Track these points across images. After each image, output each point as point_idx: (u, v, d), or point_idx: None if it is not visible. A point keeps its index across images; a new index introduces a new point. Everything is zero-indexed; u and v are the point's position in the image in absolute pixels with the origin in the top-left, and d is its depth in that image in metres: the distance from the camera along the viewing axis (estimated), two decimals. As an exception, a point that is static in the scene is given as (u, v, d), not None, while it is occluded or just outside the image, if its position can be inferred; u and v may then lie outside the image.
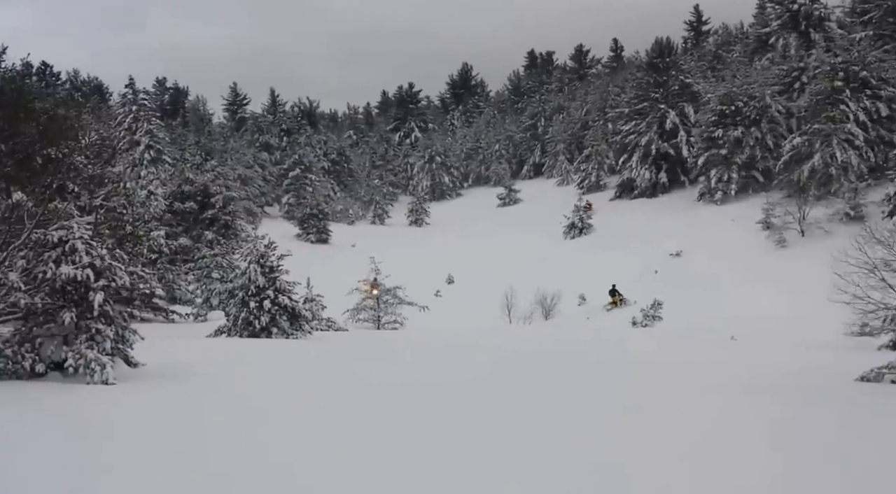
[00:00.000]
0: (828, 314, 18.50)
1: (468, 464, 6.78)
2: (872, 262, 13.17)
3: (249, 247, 21.05)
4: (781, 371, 14.59)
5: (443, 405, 9.89)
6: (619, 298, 39.52)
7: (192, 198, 39.49)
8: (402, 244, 57.41)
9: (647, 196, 61.83)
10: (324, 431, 8.08)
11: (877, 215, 38.29)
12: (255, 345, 17.70)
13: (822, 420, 9.42)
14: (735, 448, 7.70)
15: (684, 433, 8.49)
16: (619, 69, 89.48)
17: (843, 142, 45.31)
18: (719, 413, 9.93)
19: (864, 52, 48.61)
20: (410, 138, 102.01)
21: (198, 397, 10.26)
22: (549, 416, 9.29)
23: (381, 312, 30.38)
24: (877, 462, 7.20)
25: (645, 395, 11.28)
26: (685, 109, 62.43)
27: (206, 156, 64.90)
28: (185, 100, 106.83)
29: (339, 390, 11.02)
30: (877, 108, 46.68)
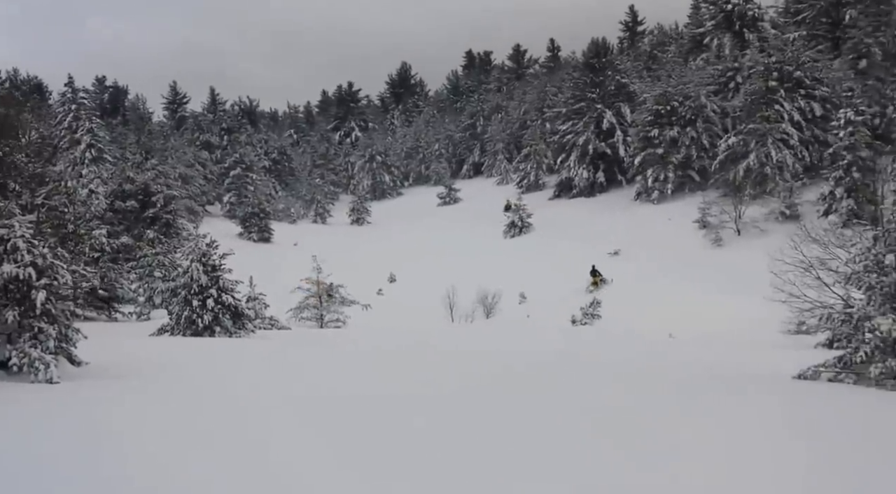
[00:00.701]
0: (765, 312, 18.69)
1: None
2: (808, 261, 13.35)
3: (191, 246, 20.98)
4: (718, 369, 14.66)
5: (392, 415, 9.72)
6: (600, 278, 40.78)
7: (133, 196, 38.90)
8: (344, 243, 57.28)
9: (585, 195, 62.45)
10: (268, 433, 8.17)
11: (812, 214, 39.40)
12: (198, 344, 17.73)
13: (760, 418, 9.45)
14: (674, 445, 7.83)
15: (634, 427, 8.67)
16: (557, 69, 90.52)
17: (778, 141, 46.12)
18: (656, 411, 9.89)
19: (797, 52, 49.46)
20: (351, 137, 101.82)
21: (141, 395, 10.32)
22: (503, 421, 9.65)
23: (323, 311, 30.48)
24: (813, 460, 7.29)
25: (590, 395, 11.29)
26: (622, 109, 63.00)
27: (146, 154, 63.68)
28: (124, 99, 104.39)
29: (282, 390, 11.20)
30: (811, 108, 47.57)
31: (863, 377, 12.04)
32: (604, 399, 10.77)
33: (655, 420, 9.10)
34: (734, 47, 60.84)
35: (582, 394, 11.25)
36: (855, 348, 12.19)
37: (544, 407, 9.89)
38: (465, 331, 29.56)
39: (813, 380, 12.52)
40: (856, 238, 13.47)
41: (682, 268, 39.52)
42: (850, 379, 12.24)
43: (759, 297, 14.60)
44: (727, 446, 7.82)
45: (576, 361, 16.34)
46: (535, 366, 15.00)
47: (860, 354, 11.94)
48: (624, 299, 35.93)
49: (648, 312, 33.01)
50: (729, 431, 8.57)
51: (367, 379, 12.58)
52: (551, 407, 9.84)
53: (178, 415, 8.77)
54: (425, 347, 19.54)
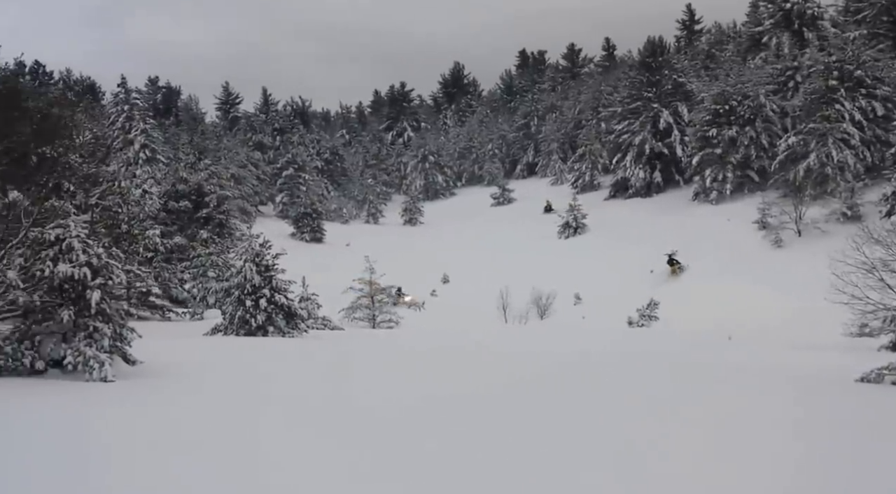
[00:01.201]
0: (826, 314, 18.37)
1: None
2: (871, 262, 13.05)
3: (244, 246, 20.98)
4: (779, 371, 14.44)
5: (451, 417, 9.47)
6: (678, 266, 41.82)
7: (187, 197, 39.31)
8: (397, 243, 57.35)
9: (641, 195, 61.63)
10: (320, 438, 7.95)
11: (874, 215, 38.11)
12: (251, 344, 17.68)
13: (825, 420, 9.36)
14: (748, 447, 7.72)
15: (706, 430, 8.53)
16: (612, 68, 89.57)
17: (839, 141, 45.06)
18: (726, 414, 9.83)
19: (858, 50, 48.29)
20: (403, 137, 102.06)
21: (195, 394, 10.25)
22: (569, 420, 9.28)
23: (376, 311, 30.36)
24: (878, 461, 7.21)
25: (662, 393, 11.20)
26: (679, 108, 62.09)
27: (199, 155, 64.75)
28: (177, 100, 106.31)
29: (337, 395, 10.94)
30: (872, 108, 46.38)
31: None
32: (663, 399, 10.53)
33: (719, 420, 9.00)
34: (793, 46, 59.70)
35: (646, 394, 11.01)
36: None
37: (606, 408, 9.53)
38: (518, 333, 29.13)
39: (876, 383, 12.31)
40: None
41: (741, 270, 38.77)
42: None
43: (821, 299, 14.15)
44: (796, 446, 7.86)
45: (638, 362, 15.83)
46: (594, 366, 14.61)
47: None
48: (681, 300, 35.47)
49: (706, 313, 32.54)
50: (794, 432, 8.55)
51: (422, 380, 12.25)
52: (617, 407, 9.43)
53: (230, 416, 8.58)
54: (479, 348, 19.18)
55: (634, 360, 16.14)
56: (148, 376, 11.50)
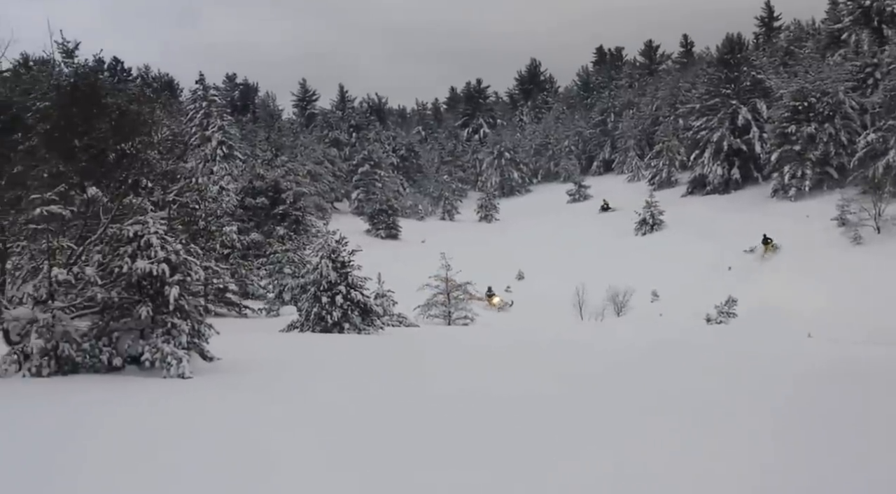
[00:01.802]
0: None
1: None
2: None
3: (320, 243, 21.01)
4: (865, 366, 14.11)
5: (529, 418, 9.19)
6: (772, 244, 43.49)
7: (263, 193, 39.90)
8: (472, 240, 57.11)
9: (719, 192, 60.94)
10: (403, 438, 7.68)
11: None
12: (328, 340, 17.64)
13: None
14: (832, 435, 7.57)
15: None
16: (690, 65, 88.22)
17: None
18: (817, 405, 9.61)
19: None
20: (479, 134, 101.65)
21: (275, 392, 10.13)
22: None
23: (451, 308, 30.14)
24: None
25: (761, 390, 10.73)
26: (757, 105, 61.37)
27: (276, 151, 65.81)
28: (254, 97, 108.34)
29: (417, 396, 10.64)
30: None
31: None
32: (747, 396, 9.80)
33: (820, 414, 8.65)
34: (872, 43, 58.94)
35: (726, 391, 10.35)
36: None
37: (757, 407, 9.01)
38: (595, 329, 28.53)
39: None
40: None
41: (820, 266, 38.26)
42: None
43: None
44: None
45: (722, 358, 15.21)
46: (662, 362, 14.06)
47: None
48: (760, 297, 34.90)
49: (786, 310, 31.98)
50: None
51: (502, 376, 11.86)
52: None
53: (312, 418, 8.39)
54: (558, 343, 18.70)
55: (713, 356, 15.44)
56: (225, 372, 11.48)
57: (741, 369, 13.39)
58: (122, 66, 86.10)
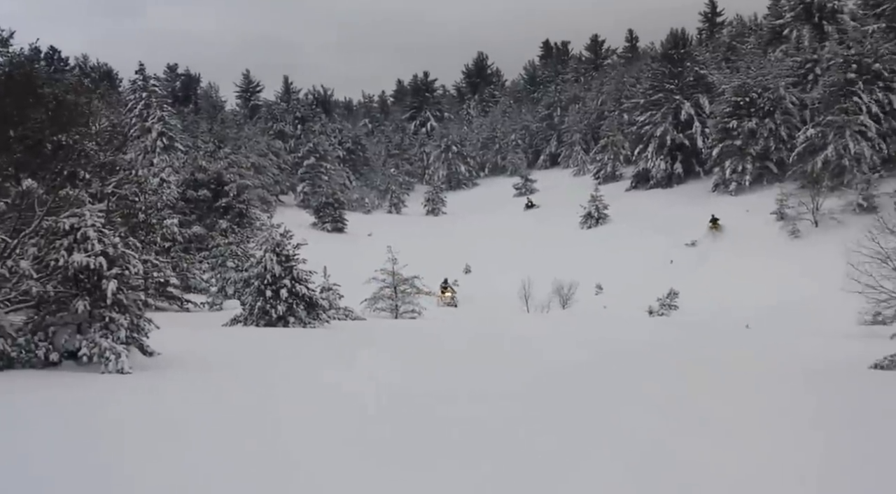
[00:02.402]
0: (841, 303, 18.37)
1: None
2: (885, 252, 13.22)
3: (265, 236, 20.78)
4: (795, 359, 14.60)
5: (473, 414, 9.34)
6: (717, 223, 46.40)
7: (206, 185, 39.24)
8: (419, 233, 57.14)
9: (662, 186, 61.86)
10: (340, 433, 7.69)
11: (889, 206, 38.49)
12: (271, 334, 17.47)
13: (840, 408, 9.48)
14: (765, 431, 7.87)
15: (723, 419, 8.38)
16: (635, 60, 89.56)
17: (856, 133, 45.55)
18: (744, 400, 9.99)
19: (876, 44, 48.76)
20: (426, 127, 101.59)
21: (214, 386, 10.04)
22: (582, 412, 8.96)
23: (398, 302, 30.10)
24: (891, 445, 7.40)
25: (678, 385, 11.13)
26: (700, 100, 62.37)
27: (219, 143, 64.63)
28: (196, 87, 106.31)
29: (358, 388, 10.64)
30: (889, 100, 46.90)
31: None
32: (676, 389, 10.42)
33: (736, 409, 9.05)
34: (813, 39, 59.94)
35: (658, 383, 10.96)
36: None
37: (621, 401, 9.17)
38: (541, 322, 28.88)
39: (889, 370, 12.60)
40: None
41: (759, 260, 39.18)
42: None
43: (836, 288, 14.21)
44: (807, 429, 8.08)
45: (659, 352, 15.58)
46: (616, 356, 14.38)
47: None
48: (700, 290, 35.76)
49: (725, 303, 32.78)
50: (810, 422, 8.68)
51: (441, 371, 11.94)
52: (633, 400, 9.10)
53: (250, 409, 8.31)
54: (502, 338, 18.89)
55: (655, 352, 15.80)
56: (165, 367, 11.35)
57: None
58: (59, 55, 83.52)
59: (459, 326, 24.77)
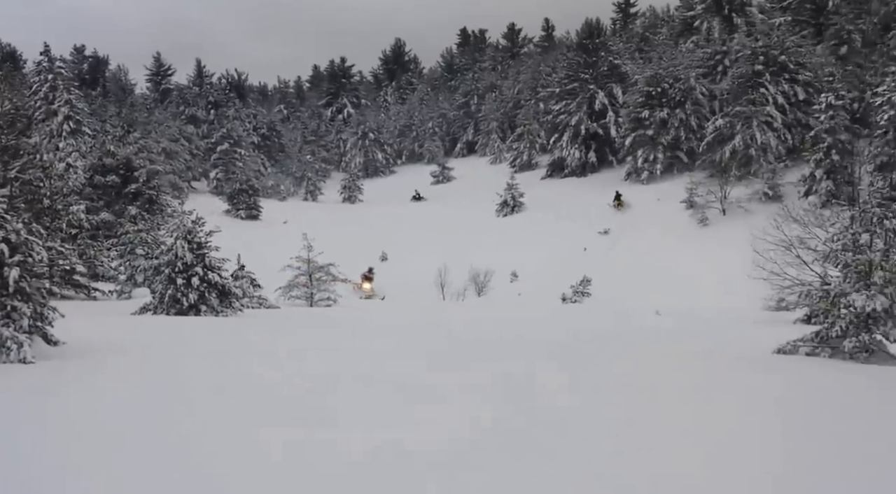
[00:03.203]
0: (747, 289, 19.16)
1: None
2: (789, 240, 13.78)
3: (176, 223, 20.24)
4: (702, 343, 15.07)
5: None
6: (623, 201, 49.37)
7: (115, 171, 37.88)
8: (336, 221, 56.60)
9: (577, 175, 62.86)
10: (251, 420, 7.63)
11: (793, 195, 40.36)
12: (182, 323, 17.08)
13: (741, 390, 9.87)
14: (664, 412, 8.10)
15: (627, 404, 8.57)
16: (551, 49, 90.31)
17: (763, 124, 47.29)
18: (648, 381, 10.27)
19: (782, 37, 50.71)
20: (343, 114, 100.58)
21: (121, 375, 9.78)
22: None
23: (313, 289, 29.85)
24: (788, 428, 7.72)
25: (594, 367, 11.40)
26: (614, 90, 63.64)
27: (128, 128, 62.39)
28: (105, 70, 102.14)
29: (261, 370, 10.55)
30: (794, 92, 48.78)
31: (838, 351, 12.75)
32: (588, 372, 10.67)
33: (652, 389, 9.27)
34: (723, 31, 61.71)
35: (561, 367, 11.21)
36: (831, 323, 12.80)
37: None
38: (457, 309, 29.13)
39: (791, 354, 13.14)
40: (834, 218, 14.11)
41: (669, 247, 40.36)
42: (825, 353, 12.90)
43: (743, 275, 14.81)
44: (712, 416, 8.26)
45: (565, 337, 15.98)
46: (522, 341, 14.66)
47: (836, 329, 12.62)
48: (612, 277, 36.61)
49: (636, 290, 33.65)
50: (713, 402, 9.00)
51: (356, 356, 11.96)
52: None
53: (157, 399, 8.13)
54: (418, 325, 18.99)
55: (570, 339, 16.17)
56: (71, 356, 10.98)
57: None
58: (-45, 34, 78.78)
59: (373, 314, 24.74)
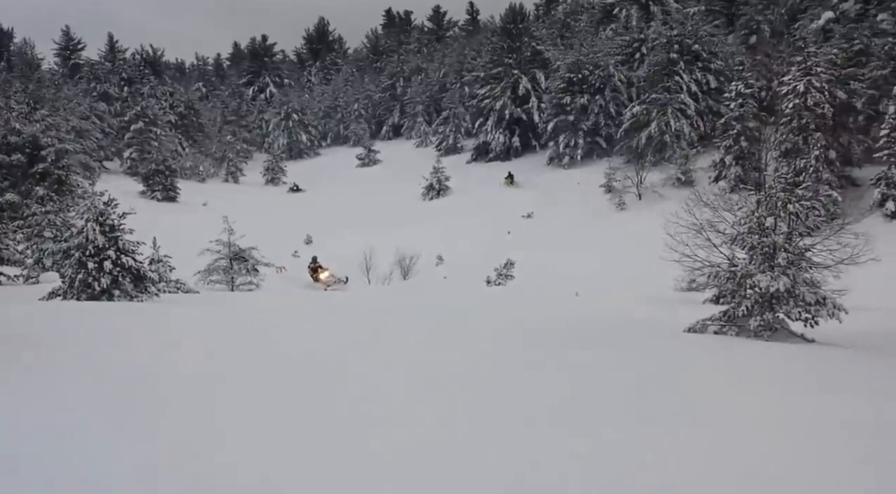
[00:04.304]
0: (661, 271, 19.65)
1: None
2: (700, 223, 14.13)
3: (87, 205, 19.38)
4: (617, 322, 15.56)
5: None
6: (511, 178, 52.30)
7: (20, 150, 36.17)
8: (258, 203, 55.54)
9: (501, 159, 63.46)
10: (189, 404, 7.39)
11: (704, 180, 41.86)
12: (94, 309, 16.38)
13: (654, 364, 10.28)
14: (580, 390, 8.31)
15: (546, 376, 8.59)
16: (476, 33, 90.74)
17: (677, 111, 48.89)
18: (560, 359, 10.48)
19: (696, 26, 52.44)
20: (265, 94, 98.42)
21: (31, 362, 9.27)
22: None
23: (234, 274, 29.21)
24: (693, 400, 8.09)
25: (494, 350, 11.41)
26: (537, 75, 64.43)
27: (34, 104, 59.48)
28: (9, 43, 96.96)
29: (180, 359, 10.23)
30: (707, 80, 50.73)
31: (744, 329, 13.37)
32: (505, 353, 10.86)
33: (562, 372, 9.49)
34: (641, 19, 63.27)
35: (491, 350, 11.25)
36: (738, 303, 13.41)
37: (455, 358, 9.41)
38: (382, 292, 29.02)
39: (701, 333, 13.78)
40: (742, 202, 14.58)
41: (589, 231, 41.42)
42: (732, 332, 13.53)
43: (657, 257, 15.23)
44: (625, 387, 8.66)
45: (488, 319, 16.07)
46: (449, 321, 14.70)
47: (742, 308, 13.22)
48: (534, 260, 37.05)
49: (557, 272, 34.20)
50: (626, 376, 9.39)
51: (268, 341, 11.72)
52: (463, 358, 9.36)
53: (72, 385, 7.75)
54: (341, 308, 18.77)
55: (487, 319, 16.27)
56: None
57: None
58: None
59: (292, 297, 24.41)
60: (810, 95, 36.90)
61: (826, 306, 12.80)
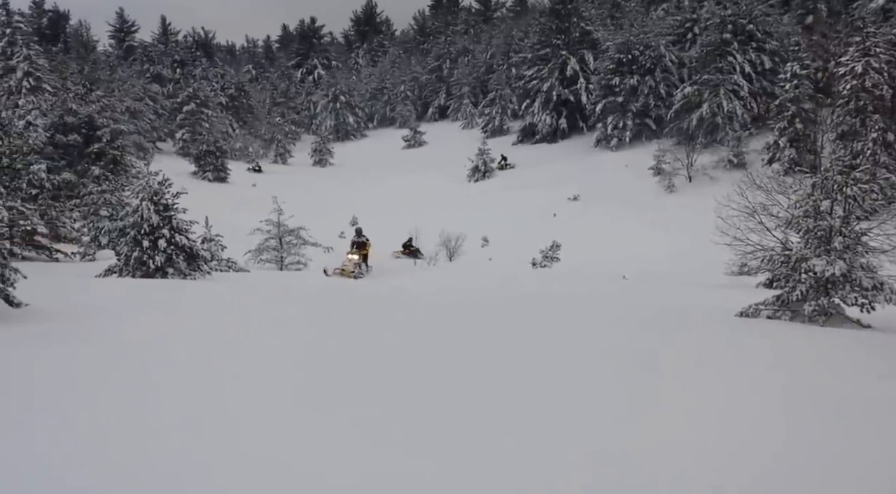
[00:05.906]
0: (712, 255, 19.38)
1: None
2: (752, 207, 13.86)
3: (141, 184, 19.82)
4: (669, 307, 15.35)
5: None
6: (506, 162, 53.44)
7: (77, 130, 36.98)
8: (306, 184, 56.11)
9: (547, 141, 63.19)
10: (226, 389, 7.57)
11: (757, 162, 41.26)
12: (148, 285, 16.82)
13: (708, 350, 10.23)
14: (634, 371, 8.30)
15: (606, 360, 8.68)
16: (523, 14, 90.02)
17: (730, 92, 48.09)
18: (617, 342, 10.41)
19: (750, 5, 51.36)
20: (313, 75, 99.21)
21: (84, 337, 9.57)
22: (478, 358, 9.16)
23: (283, 253, 29.63)
24: (754, 378, 8.16)
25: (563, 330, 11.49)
26: (585, 56, 63.75)
27: (90, 86, 60.91)
28: (66, 26, 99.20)
29: (225, 337, 10.45)
30: (761, 61, 49.77)
31: (798, 314, 13.09)
32: (565, 336, 10.72)
33: (621, 350, 9.46)
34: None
35: (538, 331, 11.25)
36: (791, 287, 13.12)
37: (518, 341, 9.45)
38: (429, 273, 29.09)
39: (753, 318, 13.48)
40: (796, 185, 14.12)
41: (637, 213, 40.70)
42: (786, 316, 13.26)
43: (707, 241, 15.01)
44: (681, 374, 8.49)
45: (538, 302, 16.07)
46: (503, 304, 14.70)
47: (796, 293, 12.93)
48: (582, 242, 36.70)
49: (605, 255, 33.85)
50: (680, 361, 9.30)
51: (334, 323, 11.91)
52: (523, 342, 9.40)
53: (125, 361, 8.01)
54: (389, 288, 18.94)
55: (537, 302, 16.25)
56: (33, 319, 10.70)
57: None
58: None
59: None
60: (868, 76, 35.85)
61: (883, 291, 12.47)
